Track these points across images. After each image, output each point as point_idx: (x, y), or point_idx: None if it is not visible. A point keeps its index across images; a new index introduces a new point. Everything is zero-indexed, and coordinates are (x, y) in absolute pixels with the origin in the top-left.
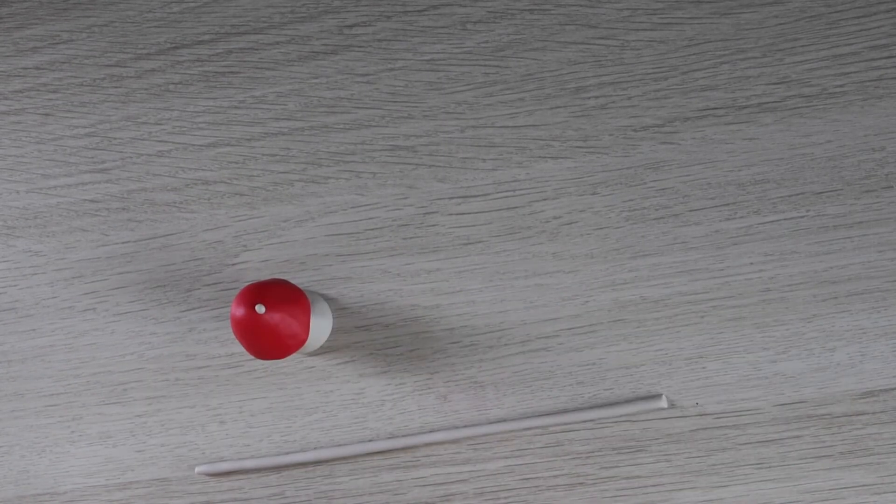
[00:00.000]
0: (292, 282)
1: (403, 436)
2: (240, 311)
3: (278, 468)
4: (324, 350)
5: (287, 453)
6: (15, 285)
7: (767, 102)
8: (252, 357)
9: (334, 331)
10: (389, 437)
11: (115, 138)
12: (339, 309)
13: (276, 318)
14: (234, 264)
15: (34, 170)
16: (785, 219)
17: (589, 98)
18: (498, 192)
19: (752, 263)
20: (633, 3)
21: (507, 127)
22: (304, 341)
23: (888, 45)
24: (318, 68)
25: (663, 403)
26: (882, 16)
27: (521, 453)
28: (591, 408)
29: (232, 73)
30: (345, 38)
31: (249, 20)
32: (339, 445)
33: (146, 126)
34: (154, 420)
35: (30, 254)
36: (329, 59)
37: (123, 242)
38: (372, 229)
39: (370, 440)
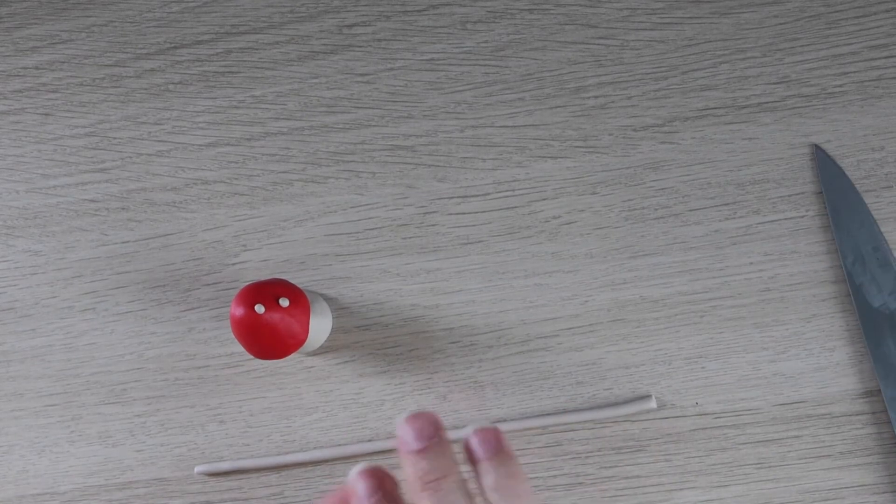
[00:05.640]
0: (292, 282)
1: None
2: (239, 311)
3: (278, 468)
4: (323, 350)
5: (287, 453)
6: (14, 285)
7: (767, 102)
8: (252, 357)
9: (334, 331)
10: (389, 437)
11: (114, 138)
12: (338, 309)
13: (276, 318)
14: (233, 264)
15: (34, 170)
16: (785, 219)
17: (589, 98)
18: (497, 192)
19: (751, 263)
20: (632, 3)
21: (507, 127)
22: (303, 341)
23: (888, 44)
24: (318, 68)
25: (653, 404)
26: (882, 16)
27: (521, 453)
28: (591, 408)
29: (231, 73)
30: (344, 38)
31: (249, 20)
32: (339, 445)
33: (146, 126)
34: (153, 420)
35: (29, 254)
36: (328, 58)
37: (123, 242)
38: (371, 229)
39: (370, 440)
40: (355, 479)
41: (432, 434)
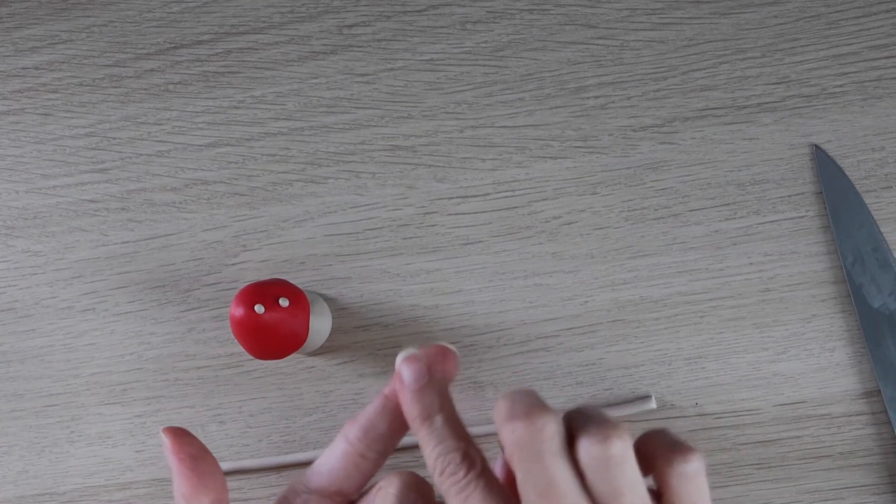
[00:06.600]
0: (292, 282)
1: None
2: (239, 311)
3: (278, 468)
4: (323, 350)
5: (287, 453)
6: (14, 285)
7: (767, 102)
8: (251, 357)
9: (334, 331)
10: None
11: (114, 138)
12: (338, 309)
13: (276, 318)
14: (233, 264)
15: (33, 170)
16: (785, 219)
17: (588, 98)
18: (497, 192)
19: (751, 263)
20: (632, 3)
21: (507, 127)
22: (303, 341)
23: (888, 45)
24: (318, 68)
25: (652, 404)
26: (882, 16)
27: None
28: None
29: (231, 73)
30: (344, 38)
31: (249, 20)
32: None
33: (145, 126)
34: (153, 420)
35: (29, 254)
36: (328, 59)
37: (123, 242)
38: (371, 229)
39: None
40: (401, 366)
41: (425, 375)
